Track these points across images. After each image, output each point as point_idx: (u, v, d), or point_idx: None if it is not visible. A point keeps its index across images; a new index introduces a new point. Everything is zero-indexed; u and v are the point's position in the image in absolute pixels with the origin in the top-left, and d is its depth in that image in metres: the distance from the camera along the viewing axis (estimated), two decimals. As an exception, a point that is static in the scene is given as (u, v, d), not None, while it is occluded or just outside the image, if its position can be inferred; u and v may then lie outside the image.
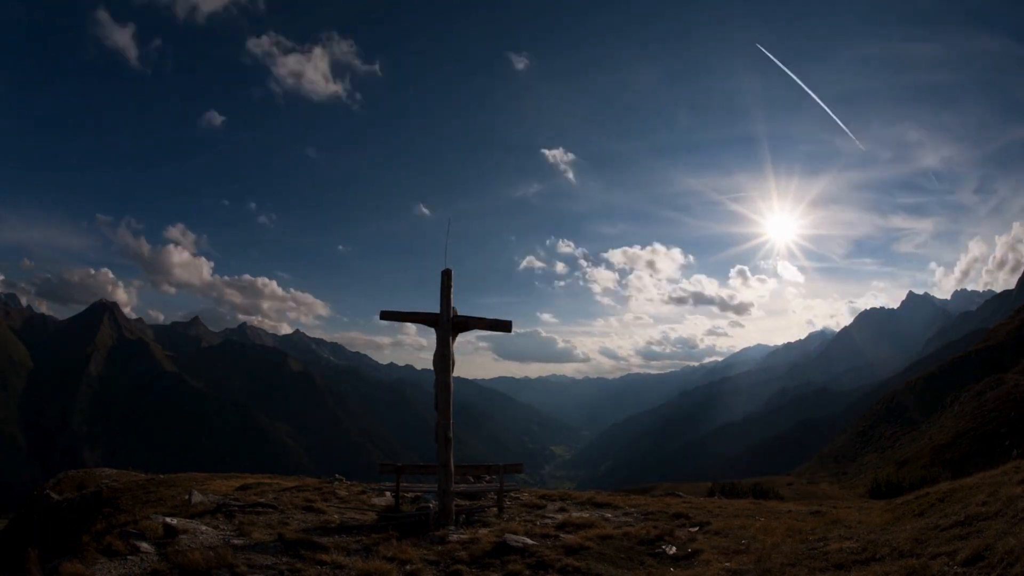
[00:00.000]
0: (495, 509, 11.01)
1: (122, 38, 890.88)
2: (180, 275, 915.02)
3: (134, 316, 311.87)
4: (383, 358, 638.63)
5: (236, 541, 7.77)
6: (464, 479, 14.19)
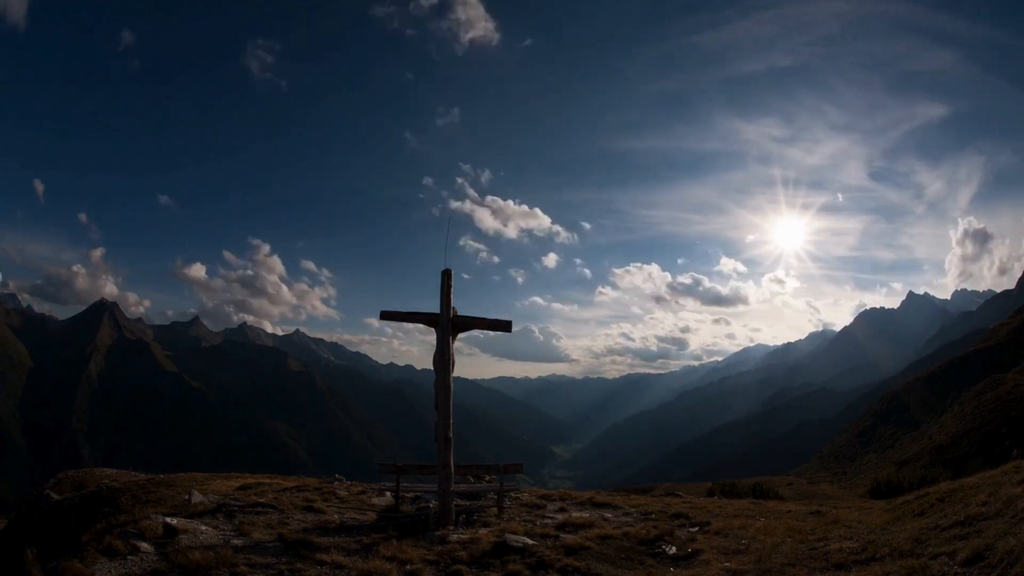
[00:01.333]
0: (495, 509, 11.01)
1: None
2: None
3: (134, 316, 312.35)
4: (383, 358, 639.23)
5: (236, 541, 7.77)
6: (464, 479, 14.18)
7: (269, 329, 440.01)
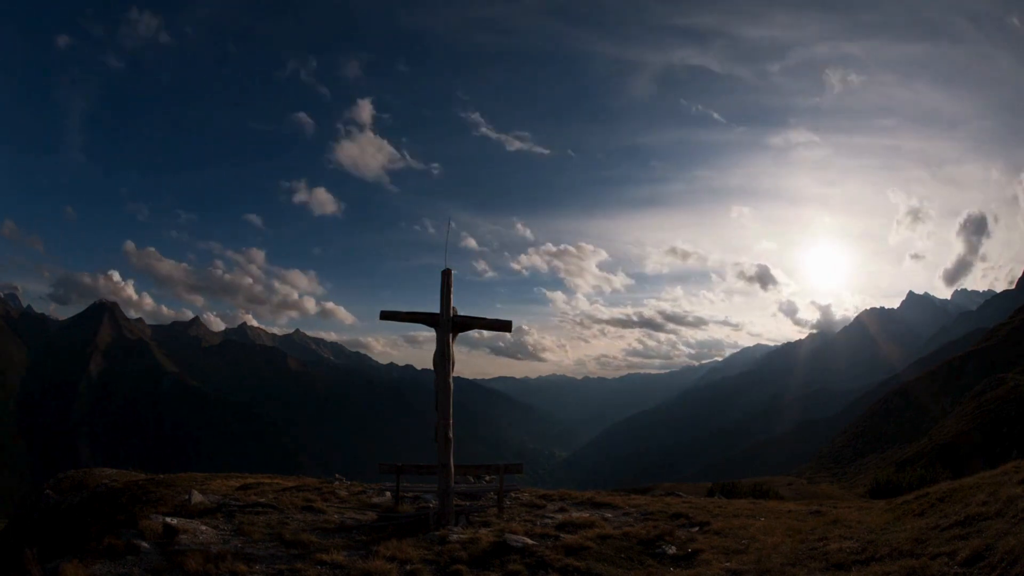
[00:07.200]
0: (495, 509, 11.00)
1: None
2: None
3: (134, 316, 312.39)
4: (383, 358, 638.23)
5: (236, 541, 7.77)
6: (464, 479, 14.18)
7: (269, 329, 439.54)
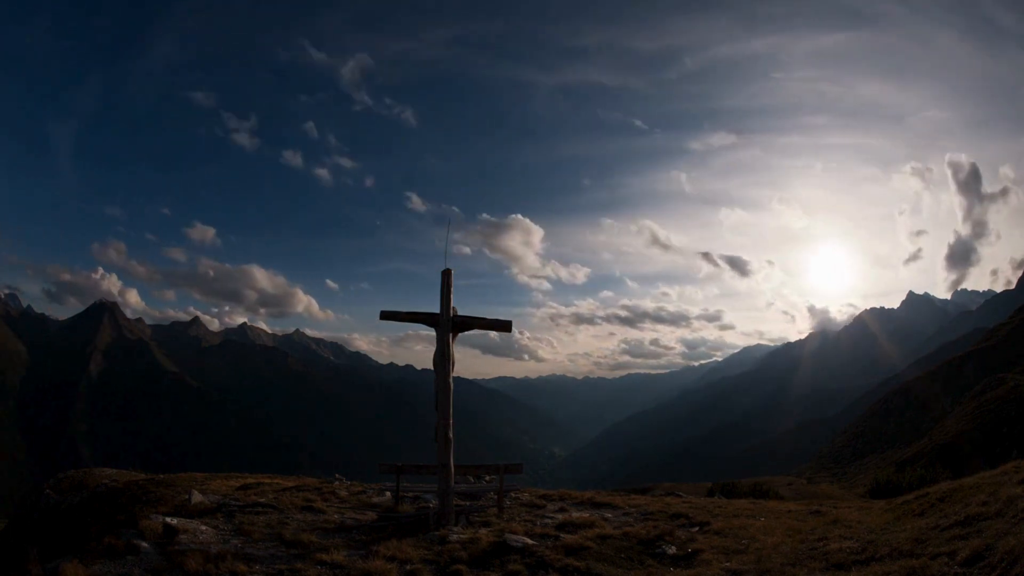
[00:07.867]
0: (495, 509, 11.00)
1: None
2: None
3: (134, 316, 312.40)
4: (383, 358, 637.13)
5: (236, 541, 7.77)
6: (464, 479, 14.19)
7: (269, 329, 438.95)
